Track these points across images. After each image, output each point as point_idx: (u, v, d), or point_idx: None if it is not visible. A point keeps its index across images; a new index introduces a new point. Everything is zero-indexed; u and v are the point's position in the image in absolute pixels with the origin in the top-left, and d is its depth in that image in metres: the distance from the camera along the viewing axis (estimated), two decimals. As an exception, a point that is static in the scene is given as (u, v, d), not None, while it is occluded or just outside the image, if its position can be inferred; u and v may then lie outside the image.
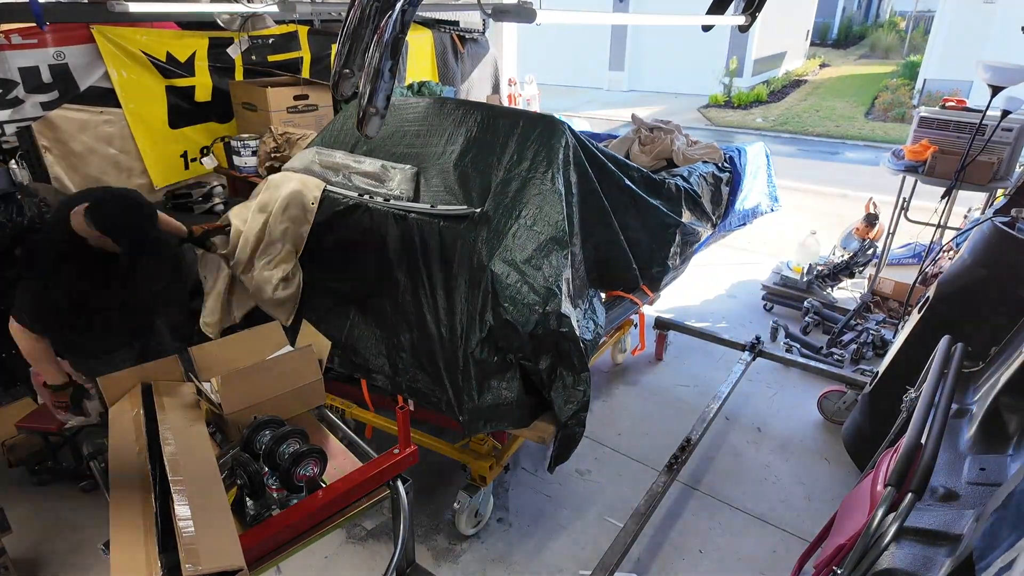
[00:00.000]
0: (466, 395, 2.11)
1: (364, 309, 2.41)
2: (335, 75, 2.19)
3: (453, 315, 2.19)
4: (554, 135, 2.36)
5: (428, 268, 2.26)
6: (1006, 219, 2.38)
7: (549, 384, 2.13)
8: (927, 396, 1.59)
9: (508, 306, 2.06)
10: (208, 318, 2.68)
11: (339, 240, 2.47)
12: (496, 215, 2.21)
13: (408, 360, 2.29)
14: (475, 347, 2.10)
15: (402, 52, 2.27)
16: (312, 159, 2.69)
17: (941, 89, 10.62)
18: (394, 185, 2.43)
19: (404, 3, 1.87)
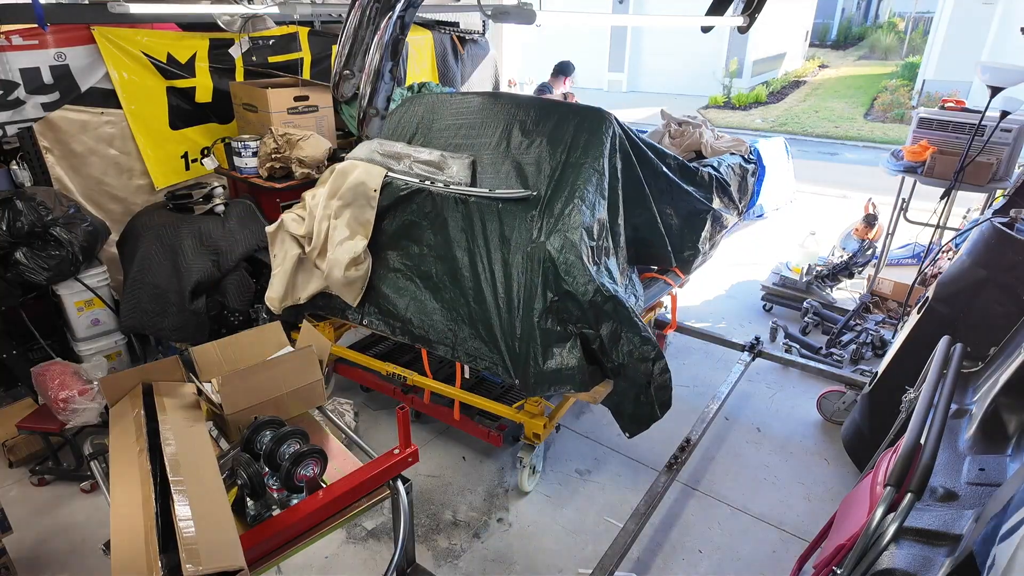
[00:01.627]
0: (532, 361, 2.31)
1: (425, 285, 2.62)
2: (336, 76, 2.20)
3: (510, 288, 2.38)
4: (602, 125, 2.57)
5: (487, 246, 2.45)
6: (1005, 220, 2.39)
7: (613, 348, 2.32)
8: (926, 396, 1.59)
9: (567, 278, 2.26)
10: (272, 293, 2.89)
11: (402, 222, 2.67)
12: (551, 197, 2.42)
13: (467, 330, 2.50)
14: (539, 317, 2.29)
15: (402, 53, 2.28)
16: (374, 148, 2.86)
17: (940, 90, 10.64)
18: (452, 172, 2.60)
19: (404, 4, 1.88)
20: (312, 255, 2.79)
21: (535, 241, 2.33)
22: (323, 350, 2.01)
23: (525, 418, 2.61)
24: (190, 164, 3.84)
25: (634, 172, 2.68)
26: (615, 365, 2.35)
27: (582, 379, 2.31)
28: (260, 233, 3.37)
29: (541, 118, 2.65)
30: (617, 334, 2.31)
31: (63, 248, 2.88)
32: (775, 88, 13.67)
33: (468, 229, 2.49)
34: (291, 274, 2.86)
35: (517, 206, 2.42)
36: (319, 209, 2.75)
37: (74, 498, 2.66)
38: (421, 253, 2.63)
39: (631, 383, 2.39)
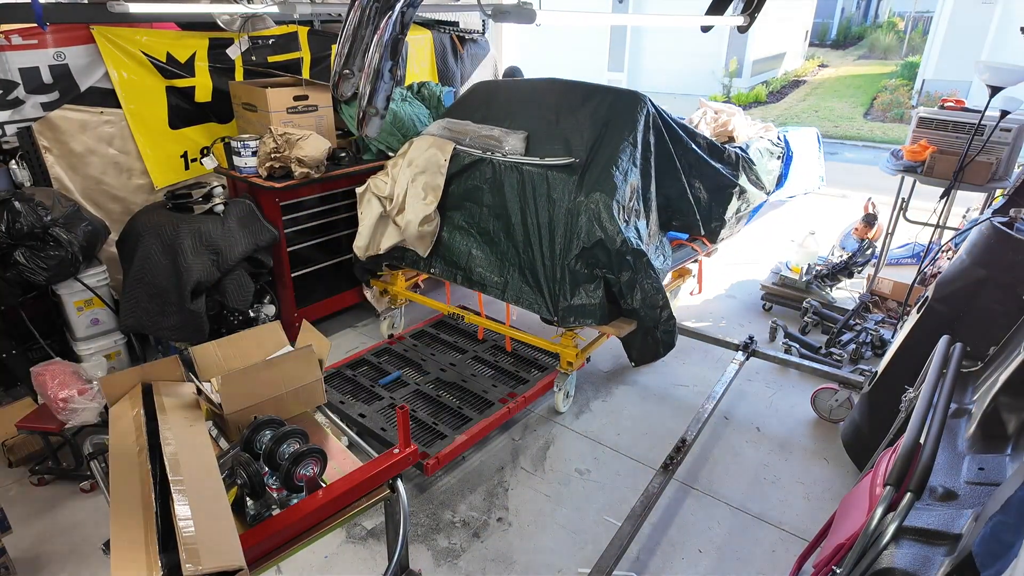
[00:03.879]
0: (562, 297, 2.86)
1: (484, 240, 3.18)
2: (335, 76, 2.20)
3: (554, 240, 2.90)
4: (637, 104, 3.06)
5: (536, 204, 2.96)
6: (1004, 219, 2.39)
7: (629, 293, 2.83)
8: (926, 396, 1.59)
9: (599, 229, 2.74)
10: (359, 243, 3.51)
11: (466, 187, 3.20)
12: (591, 164, 2.90)
13: (516, 276, 3.06)
14: (571, 261, 2.82)
15: (402, 53, 2.29)
16: (444, 125, 3.43)
17: (940, 89, 10.65)
18: (510, 145, 3.11)
19: (403, 4, 1.87)
20: (392, 213, 3.35)
21: (575, 199, 2.82)
22: (323, 350, 2.00)
23: (562, 348, 3.09)
24: (189, 164, 3.84)
25: (666, 147, 3.16)
26: (629, 308, 2.86)
27: (602, 315, 2.86)
28: (259, 232, 3.37)
29: (586, 98, 3.15)
30: (634, 282, 2.81)
31: (62, 248, 2.88)
32: (775, 88, 13.67)
33: (521, 192, 3.01)
34: (373, 228, 3.44)
35: (562, 171, 2.91)
36: (400, 175, 3.33)
37: (74, 498, 2.66)
38: (481, 213, 3.17)
39: (641, 325, 2.93)
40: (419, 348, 3.50)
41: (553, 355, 3.46)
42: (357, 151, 3.94)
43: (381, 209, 3.39)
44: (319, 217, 3.70)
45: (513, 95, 3.47)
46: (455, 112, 3.58)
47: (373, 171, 3.85)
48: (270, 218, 3.45)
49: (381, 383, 3.18)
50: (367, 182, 3.47)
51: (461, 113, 3.51)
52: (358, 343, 3.90)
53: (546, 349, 3.26)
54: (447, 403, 3.03)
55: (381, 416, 2.92)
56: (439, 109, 4.16)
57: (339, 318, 4.16)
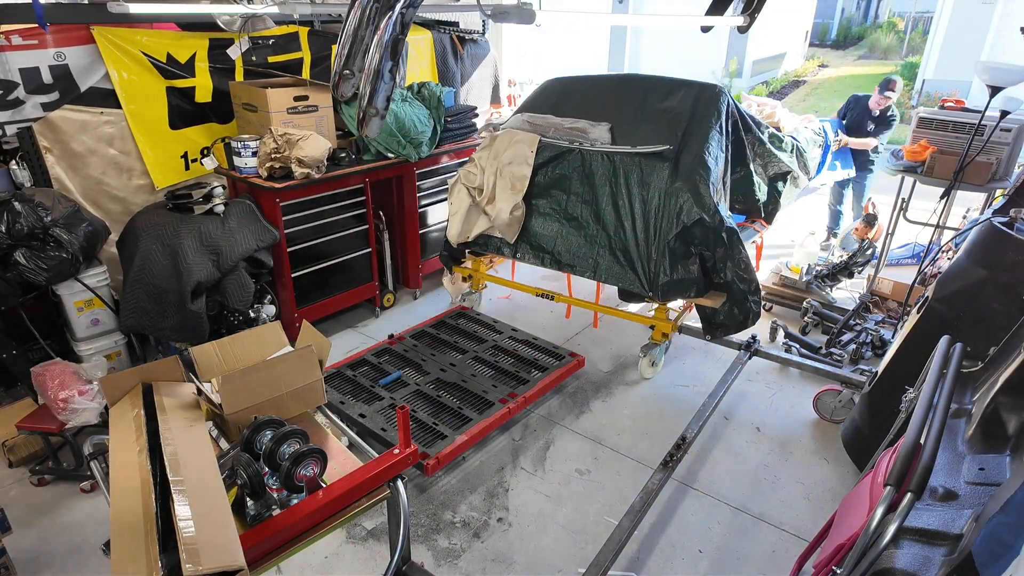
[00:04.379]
0: (662, 273, 3.08)
1: (571, 225, 3.36)
2: (335, 76, 2.20)
3: (647, 221, 3.12)
4: (719, 96, 3.33)
5: (628, 190, 3.16)
6: (1005, 219, 2.39)
7: (723, 267, 3.09)
8: (926, 396, 1.59)
9: (699, 208, 2.97)
10: (451, 231, 3.73)
11: (553, 176, 3.41)
12: (683, 151, 3.13)
13: (607, 257, 3.25)
14: (670, 240, 3.03)
15: (402, 53, 2.29)
16: (524, 119, 3.64)
17: (940, 90, 10.64)
18: (595, 136, 3.34)
19: (404, 4, 1.87)
20: (482, 203, 3.58)
21: (673, 182, 3.04)
22: (323, 350, 2.00)
23: (656, 322, 3.43)
24: (190, 164, 3.84)
25: (739, 136, 3.45)
26: (722, 281, 3.12)
27: (698, 288, 3.11)
28: (260, 233, 3.37)
29: (671, 91, 3.38)
30: (727, 257, 3.06)
31: (63, 249, 2.88)
32: (775, 88, 13.67)
33: (613, 178, 3.21)
34: (464, 217, 3.63)
35: (655, 158, 3.14)
36: (487, 166, 3.54)
37: (74, 498, 2.66)
38: (568, 200, 3.36)
39: (732, 296, 3.16)
40: (419, 348, 3.51)
41: (554, 356, 3.47)
42: (357, 151, 3.94)
43: (470, 199, 3.61)
44: (319, 217, 3.70)
45: (589, 90, 3.66)
46: (531, 107, 3.77)
47: (373, 171, 3.87)
48: (270, 218, 3.46)
49: (381, 383, 3.18)
50: (458, 173, 3.72)
51: (538, 108, 3.71)
52: (358, 343, 3.90)
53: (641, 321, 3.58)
54: (447, 403, 3.03)
55: (381, 416, 2.92)
56: (439, 109, 4.16)
57: (339, 318, 4.16)
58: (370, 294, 4.16)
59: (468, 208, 3.61)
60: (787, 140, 3.85)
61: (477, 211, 3.60)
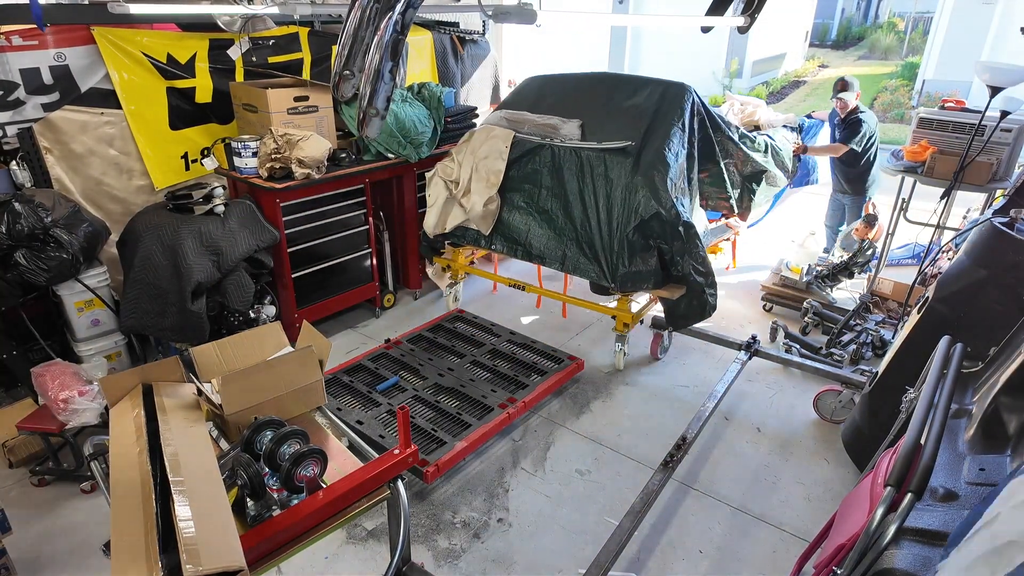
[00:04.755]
0: (621, 265, 3.20)
1: (543, 218, 3.48)
2: (336, 76, 2.20)
3: (611, 215, 3.21)
4: (684, 94, 3.41)
5: (594, 184, 3.27)
6: (1005, 219, 2.38)
7: (680, 260, 3.18)
8: (926, 396, 1.59)
9: (656, 203, 3.07)
10: (428, 223, 3.87)
11: (526, 170, 3.52)
12: (645, 146, 3.23)
13: (574, 249, 3.37)
14: (629, 232, 3.14)
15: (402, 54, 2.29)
16: (502, 115, 3.76)
17: (940, 90, 10.65)
18: (566, 132, 3.44)
19: (404, 5, 1.88)
20: (457, 195, 3.69)
21: (633, 177, 3.15)
22: (323, 350, 2.00)
23: (618, 311, 3.52)
24: (190, 164, 3.84)
25: (707, 134, 3.51)
26: (679, 274, 3.22)
27: (656, 280, 3.24)
28: (260, 233, 3.37)
29: (637, 89, 3.50)
30: (684, 250, 3.16)
31: (63, 249, 2.88)
32: (775, 88, 13.67)
33: (580, 173, 3.32)
34: (441, 209, 3.77)
35: (619, 154, 3.24)
36: (464, 160, 3.66)
37: (74, 498, 2.66)
38: (540, 194, 3.47)
39: (690, 288, 3.23)
40: (416, 353, 3.50)
41: (553, 359, 3.47)
42: (358, 152, 3.94)
43: (447, 192, 3.74)
44: (320, 218, 3.71)
45: (565, 87, 3.81)
46: (510, 104, 3.91)
47: (373, 172, 3.87)
48: (270, 219, 3.46)
49: (378, 388, 3.16)
50: (436, 167, 3.82)
51: (516, 104, 3.84)
52: (358, 344, 3.90)
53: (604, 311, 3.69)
54: (446, 408, 3.02)
55: (379, 423, 2.91)
56: (439, 110, 4.16)
57: (339, 319, 4.16)
58: (370, 294, 4.16)
59: (444, 200, 3.75)
60: (759, 140, 3.91)
61: (453, 203, 3.74)
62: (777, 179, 4.02)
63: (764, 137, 3.98)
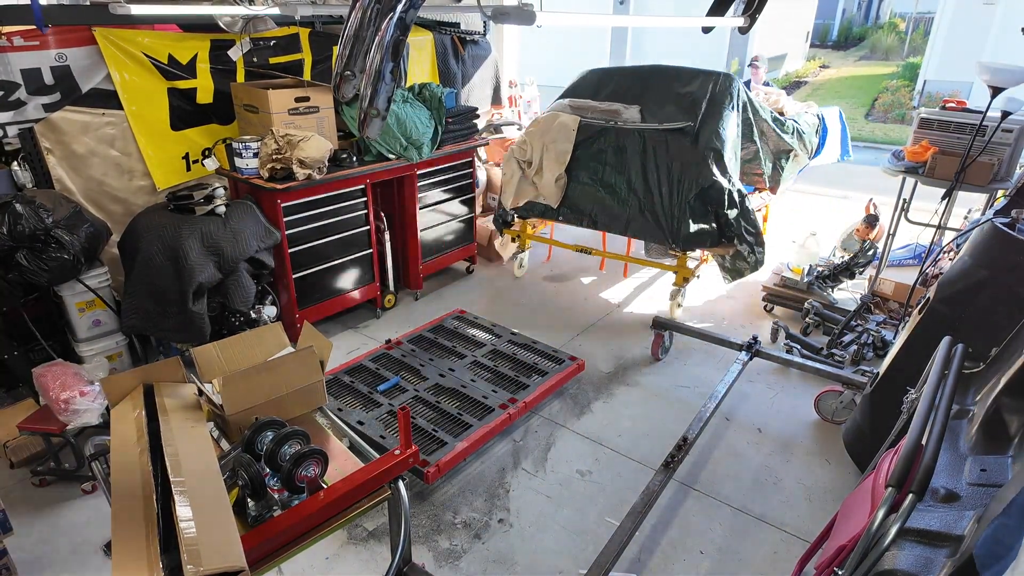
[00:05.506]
0: (683, 228, 3.74)
1: (607, 191, 4.00)
2: (336, 77, 2.20)
3: (672, 186, 3.76)
4: (732, 81, 4.00)
5: (656, 160, 3.81)
6: (1006, 220, 2.38)
7: (737, 225, 3.73)
8: (928, 397, 1.59)
9: (715, 174, 3.64)
10: (504, 198, 4.43)
11: (591, 150, 4.04)
12: (702, 127, 3.77)
13: (637, 217, 3.92)
14: (690, 199, 3.70)
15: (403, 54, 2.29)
16: (565, 103, 4.28)
17: (941, 90, 10.65)
18: (628, 116, 3.97)
19: (405, 5, 1.87)
20: (530, 173, 4.23)
21: (693, 153, 3.68)
22: (324, 351, 2.01)
23: (679, 268, 4.16)
24: (191, 165, 3.85)
25: (748, 117, 4.10)
26: (732, 235, 3.75)
27: (712, 240, 3.77)
28: (261, 234, 3.37)
29: (690, 78, 4.03)
30: (738, 215, 3.71)
31: (64, 250, 2.89)
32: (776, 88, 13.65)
33: (642, 151, 3.85)
34: (516, 186, 4.29)
35: (678, 133, 3.78)
36: (535, 143, 4.17)
37: (75, 499, 2.67)
38: (605, 170, 3.98)
39: (741, 247, 3.79)
40: (417, 353, 3.50)
41: (554, 360, 3.46)
42: (359, 152, 3.95)
43: (520, 171, 4.26)
44: (321, 218, 3.71)
45: (622, 78, 4.31)
46: (572, 93, 4.42)
47: (374, 172, 3.87)
48: (272, 219, 3.46)
49: (379, 389, 3.17)
50: (510, 148, 4.34)
51: (578, 93, 4.36)
52: (359, 344, 3.90)
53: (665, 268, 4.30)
54: (447, 409, 3.02)
55: (380, 424, 2.91)
56: (440, 110, 4.16)
57: (340, 319, 4.17)
58: (371, 295, 4.16)
59: (519, 179, 4.27)
60: (788, 123, 4.47)
61: (526, 181, 4.27)
62: (801, 157, 4.62)
63: (791, 121, 4.53)
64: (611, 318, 4.27)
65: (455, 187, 4.55)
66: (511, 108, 6.05)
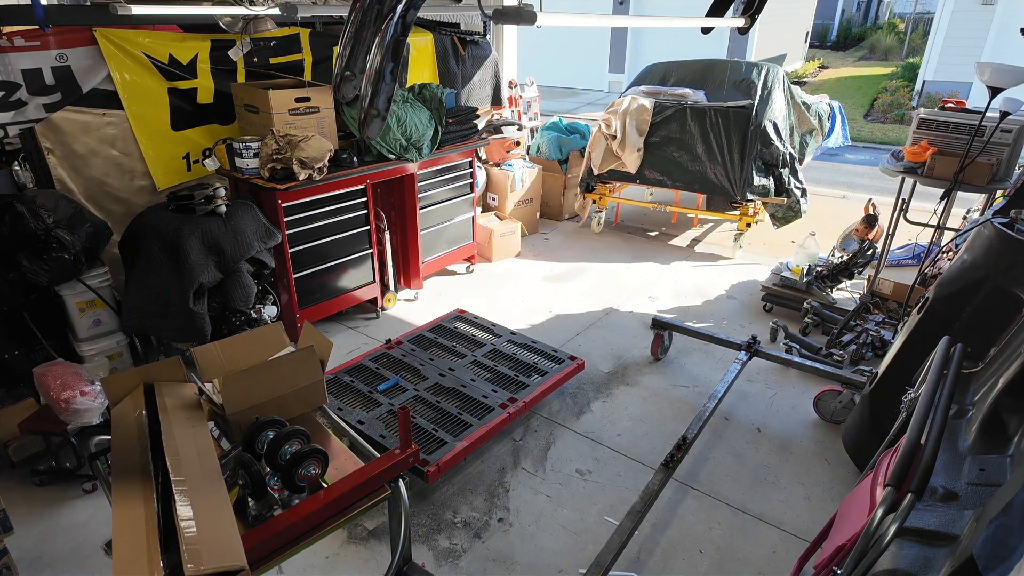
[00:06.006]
0: (746, 183, 4.83)
1: (679, 158, 5.05)
2: (337, 77, 2.20)
3: (732, 151, 4.82)
4: (781, 71, 5.20)
5: (721, 131, 4.84)
6: (1005, 220, 2.39)
7: (788, 181, 4.91)
8: (927, 396, 1.59)
9: (772, 139, 4.82)
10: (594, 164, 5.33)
11: (666, 126, 5.04)
12: (760, 105, 4.86)
13: (701, 177, 5.01)
14: (754, 159, 4.79)
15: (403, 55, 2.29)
16: (638, 90, 5.36)
17: (940, 90, 10.66)
18: (695, 99, 5.03)
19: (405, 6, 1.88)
20: (614, 146, 5.19)
21: (754, 125, 4.77)
22: (324, 350, 2.01)
23: (740, 217, 5.17)
24: (192, 165, 3.85)
25: (787, 98, 5.19)
26: (783, 189, 4.90)
27: (769, 191, 4.88)
28: (262, 234, 3.38)
29: (746, 68, 5.15)
30: (790, 173, 4.90)
31: (65, 250, 2.89)
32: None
33: (711, 124, 4.85)
34: (602, 155, 5.26)
35: (740, 111, 4.83)
36: (618, 121, 5.11)
37: (75, 498, 2.67)
38: (677, 141, 5.01)
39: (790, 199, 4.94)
40: (417, 353, 3.50)
41: (553, 359, 3.44)
42: (359, 152, 3.95)
43: (605, 143, 5.22)
44: (321, 218, 3.71)
45: (684, 69, 5.46)
46: (642, 81, 5.60)
47: (375, 172, 3.88)
48: (272, 219, 3.46)
49: (380, 389, 3.17)
50: (599, 124, 5.25)
51: (647, 82, 5.56)
52: (359, 344, 3.91)
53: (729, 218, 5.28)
54: (447, 408, 3.03)
55: (380, 423, 2.92)
56: (440, 111, 4.17)
57: (341, 319, 4.17)
58: (371, 295, 4.17)
59: (604, 149, 5.22)
60: (812, 107, 5.50)
61: (610, 152, 5.24)
62: (819, 137, 5.56)
63: (813, 106, 5.50)
64: (610, 318, 4.28)
65: (455, 187, 4.55)
66: (511, 108, 6.06)
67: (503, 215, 5.40)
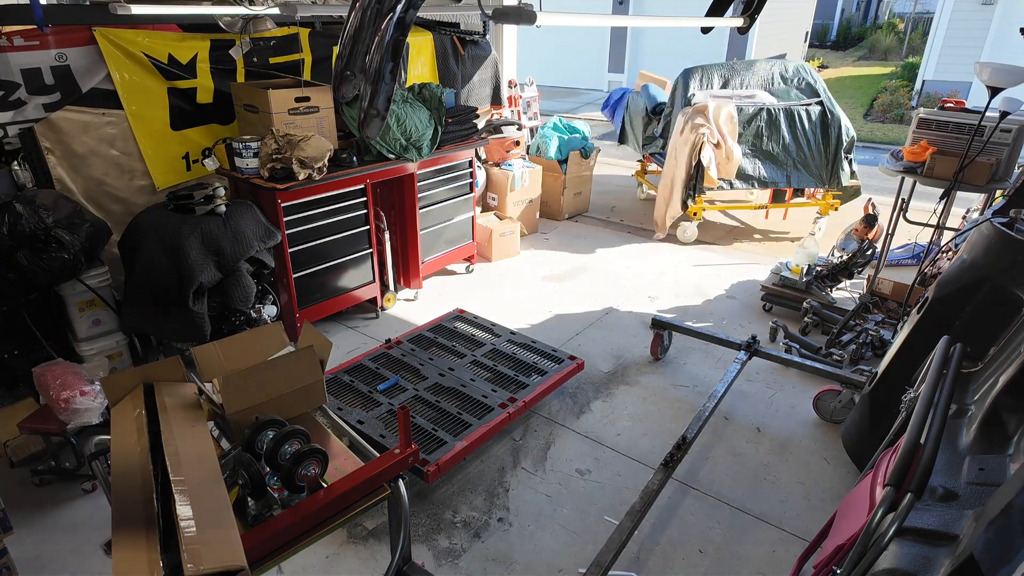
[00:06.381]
0: (834, 171, 5.33)
1: (766, 156, 5.32)
2: (336, 77, 2.20)
3: (816, 142, 5.27)
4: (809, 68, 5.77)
5: (802, 126, 5.25)
6: (1005, 219, 2.39)
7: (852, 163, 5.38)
8: (926, 396, 1.59)
9: (846, 131, 5.26)
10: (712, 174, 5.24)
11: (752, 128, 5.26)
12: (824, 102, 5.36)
13: (794, 171, 5.34)
14: (837, 149, 5.26)
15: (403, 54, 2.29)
16: (708, 94, 5.52)
17: (940, 90, 10.66)
18: (766, 100, 5.37)
19: (404, 5, 1.88)
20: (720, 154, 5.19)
21: (830, 117, 5.25)
22: (324, 350, 2.01)
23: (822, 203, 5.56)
24: (191, 165, 3.85)
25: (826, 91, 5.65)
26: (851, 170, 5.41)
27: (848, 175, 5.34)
28: (261, 233, 3.38)
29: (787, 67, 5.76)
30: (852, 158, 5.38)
31: (64, 249, 2.89)
32: (775, 89, 13.64)
33: (792, 121, 5.25)
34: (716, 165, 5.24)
35: (819, 106, 5.31)
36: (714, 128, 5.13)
37: (75, 498, 2.67)
38: (762, 141, 5.27)
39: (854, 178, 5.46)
40: (417, 352, 3.50)
41: (553, 359, 3.44)
42: (359, 152, 3.95)
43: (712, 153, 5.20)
44: (321, 218, 3.71)
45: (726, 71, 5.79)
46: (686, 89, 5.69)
47: (374, 172, 3.88)
48: (272, 219, 3.46)
49: (379, 388, 3.17)
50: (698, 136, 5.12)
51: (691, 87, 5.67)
52: (359, 344, 3.91)
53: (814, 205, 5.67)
54: (447, 408, 3.03)
55: (380, 423, 2.92)
56: (440, 110, 4.17)
57: (340, 319, 4.17)
58: (371, 295, 4.17)
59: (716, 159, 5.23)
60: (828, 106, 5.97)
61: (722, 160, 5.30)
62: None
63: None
64: (610, 317, 4.28)
65: (455, 187, 4.55)
66: (511, 108, 6.06)
67: (503, 215, 5.41)
